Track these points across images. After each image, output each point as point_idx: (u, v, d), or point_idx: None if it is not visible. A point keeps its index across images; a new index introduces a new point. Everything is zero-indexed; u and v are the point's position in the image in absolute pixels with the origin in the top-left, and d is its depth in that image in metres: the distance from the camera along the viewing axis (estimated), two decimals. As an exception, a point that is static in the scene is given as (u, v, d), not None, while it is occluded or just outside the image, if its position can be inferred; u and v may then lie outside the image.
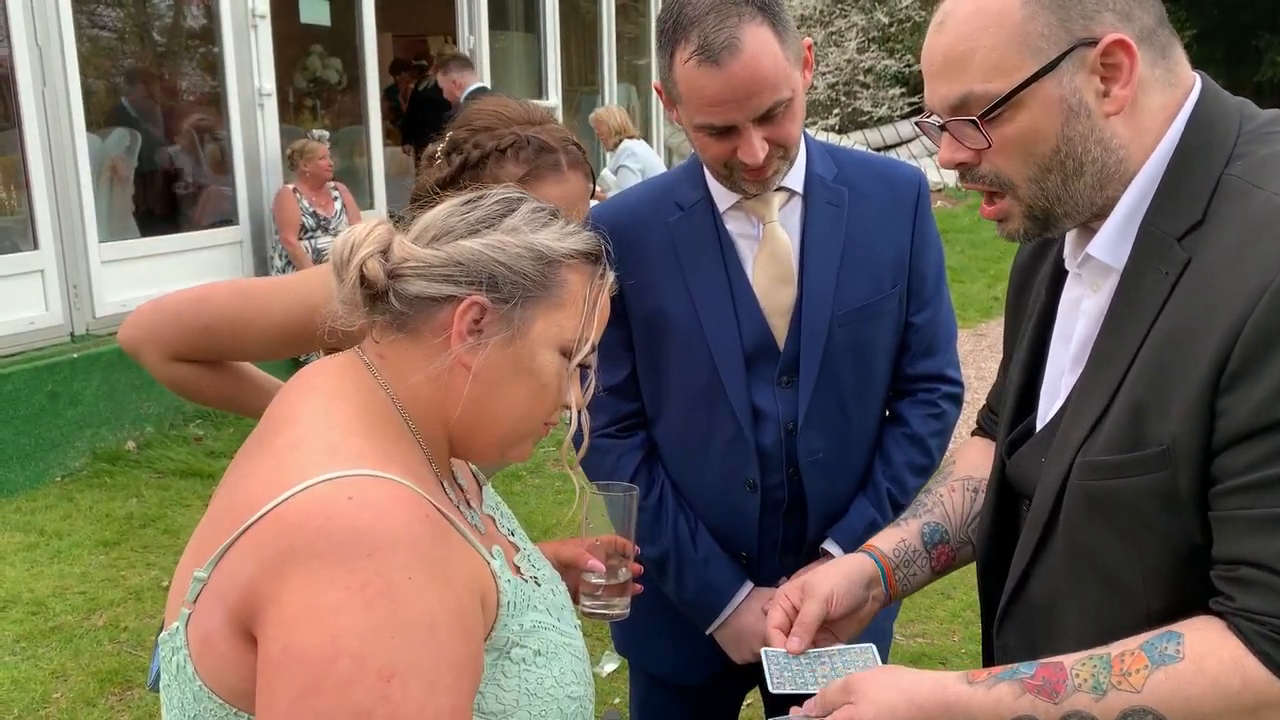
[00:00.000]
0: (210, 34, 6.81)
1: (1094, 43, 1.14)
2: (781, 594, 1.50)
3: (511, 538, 1.32)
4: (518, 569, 1.24)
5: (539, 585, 1.24)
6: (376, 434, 1.10)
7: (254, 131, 6.83)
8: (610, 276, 1.23)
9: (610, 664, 3.66)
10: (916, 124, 1.34)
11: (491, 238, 1.15)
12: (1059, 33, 1.14)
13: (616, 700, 3.50)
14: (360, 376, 1.16)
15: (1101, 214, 1.22)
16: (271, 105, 6.92)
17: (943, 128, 1.22)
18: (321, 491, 0.99)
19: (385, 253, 1.14)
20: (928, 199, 1.91)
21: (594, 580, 1.53)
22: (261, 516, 1.00)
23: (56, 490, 5.23)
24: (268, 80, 6.85)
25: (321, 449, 1.05)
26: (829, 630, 1.49)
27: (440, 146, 1.75)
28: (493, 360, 1.14)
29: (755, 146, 1.65)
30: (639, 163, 7.38)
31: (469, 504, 1.24)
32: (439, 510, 1.06)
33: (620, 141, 7.61)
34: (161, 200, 7.04)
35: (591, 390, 1.24)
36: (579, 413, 1.24)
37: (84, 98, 5.75)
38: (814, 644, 1.46)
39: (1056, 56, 1.14)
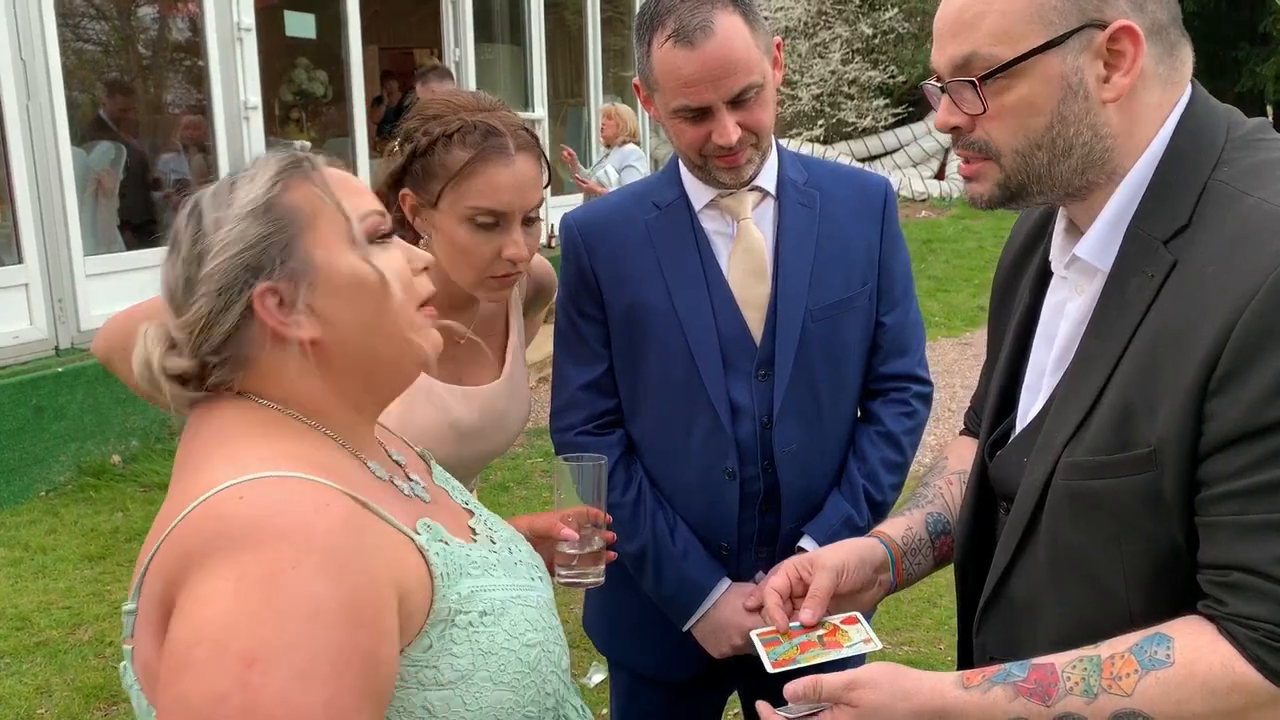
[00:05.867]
0: (196, 47, 6.81)
1: (1103, 26, 1.15)
2: (788, 564, 1.50)
3: (466, 505, 1.34)
4: (472, 531, 1.26)
5: (494, 544, 1.26)
6: (274, 438, 1.11)
7: (240, 144, 6.81)
8: (320, 158, 1.20)
9: (598, 675, 3.66)
10: (921, 87, 1.35)
11: (211, 243, 1.13)
12: (1071, 9, 1.15)
13: (604, 711, 3.49)
14: (244, 405, 1.16)
15: (1075, 195, 1.23)
16: (257, 118, 6.91)
17: (944, 90, 1.23)
18: (216, 498, 1.01)
19: (173, 345, 1.15)
20: (894, 204, 1.99)
21: (568, 550, 1.58)
22: (166, 536, 1.02)
23: (41, 505, 5.21)
24: (253, 93, 6.85)
25: (219, 462, 1.06)
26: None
27: (397, 140, 1.78)
28: (322, 311, 1.13)
29: (729, 127, 1.72)
30: (646, 166, 7.63)
31: (408, 477, 1.26)
32: (352, 496, 1.06)
33: (626, 143, 7.92)
34: (147, 213, 7.01)
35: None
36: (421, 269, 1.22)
37: (69, 111, 5.74)
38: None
39: (1065, 32, 1.15)
